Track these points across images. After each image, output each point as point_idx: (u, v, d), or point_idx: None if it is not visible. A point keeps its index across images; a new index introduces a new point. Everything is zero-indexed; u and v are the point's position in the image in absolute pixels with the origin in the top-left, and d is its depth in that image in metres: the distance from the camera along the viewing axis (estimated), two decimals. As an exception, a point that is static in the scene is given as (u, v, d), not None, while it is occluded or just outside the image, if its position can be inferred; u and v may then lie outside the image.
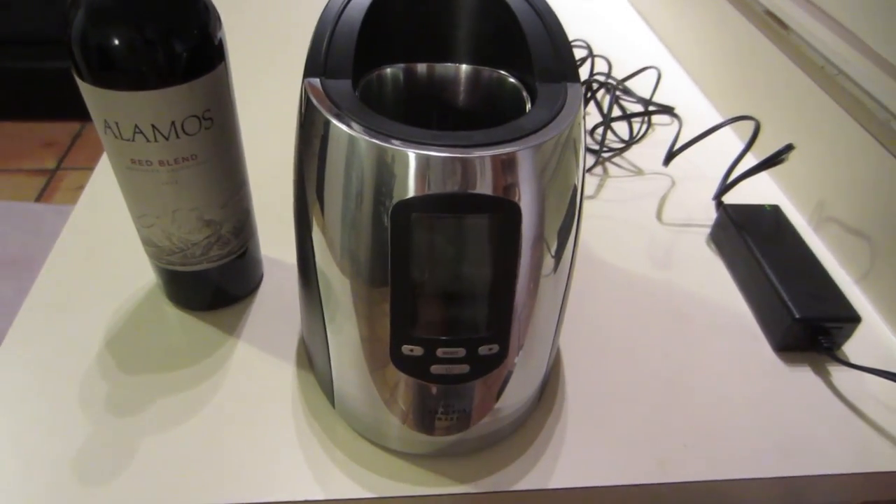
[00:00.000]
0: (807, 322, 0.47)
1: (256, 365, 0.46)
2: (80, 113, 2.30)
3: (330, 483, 0.39)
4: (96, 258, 0.53)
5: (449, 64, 0.42)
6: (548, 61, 0.37)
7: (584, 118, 0.36)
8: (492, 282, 0.34)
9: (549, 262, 0.35)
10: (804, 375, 0.48)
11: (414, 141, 0.31)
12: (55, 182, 2.07)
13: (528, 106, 0.38)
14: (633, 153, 0.69)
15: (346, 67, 0.35)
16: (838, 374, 0.48)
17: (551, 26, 0.38)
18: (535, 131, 0.32)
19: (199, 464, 0.39)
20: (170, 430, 0.41)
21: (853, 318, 0.48)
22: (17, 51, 2.17)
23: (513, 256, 0.33)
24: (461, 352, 0.35)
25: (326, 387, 0.43)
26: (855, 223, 0.56)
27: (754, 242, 0.53)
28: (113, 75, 0.36)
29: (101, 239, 0.55)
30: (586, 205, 0.62)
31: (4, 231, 1.89)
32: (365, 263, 0.34)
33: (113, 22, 0.35)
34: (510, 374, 0.38)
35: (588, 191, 0.63)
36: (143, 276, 0.51)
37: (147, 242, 0.45)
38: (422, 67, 0.42)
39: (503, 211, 0.32)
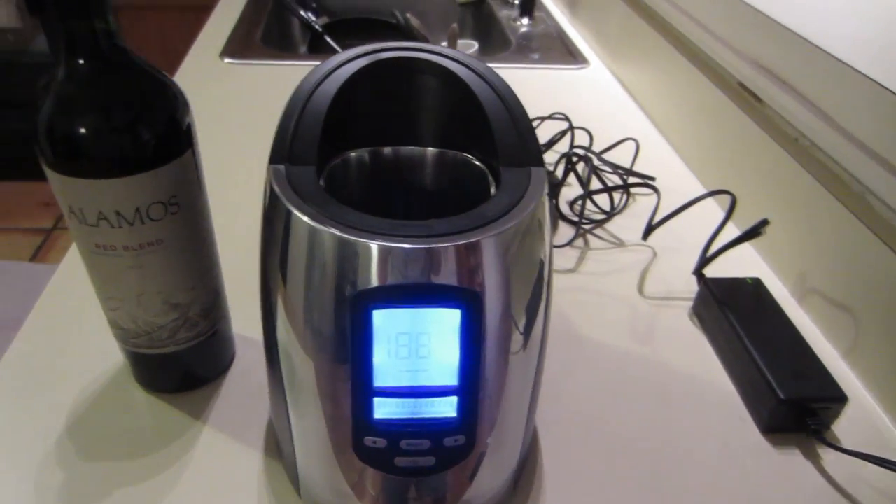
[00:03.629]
0: (792, 403, 0.46)
1: (223, 450, 0.44)
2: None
3: (292, 583, 0.37)
4: (66, 335, 0.52)
5: (415, 147, 0.42)
6: (512, 146, 0.37)
7: (547, 200, 0.36)
8: (457, 371, 0.33)
9: (516, 346, 0.34)
10: (793, 459, 0.46)
11: (374, 232, 0.30)
12: (51, 241, 2.08)
13: (493, 189, 0.38)
14: (614, 224, 0.68)
15: (311, 154, 0.35)
16: (828, 457, 0.46)
17: (514, 110, 0.38)
18: (497, 218, 0.32)
19: (156, 562, 0.38)
20: (127, 525, 0.39)
21: (840, 398, 0.46)
22: (13, 113, 2.21)
23: (476, 344, 0.32)
24: (426, 443, 0.34)
25: (292, 474, 0.41)
26: (837, 295, 0.55)
27: (736, 318, 0.53)
28: (77, 163, 0.36)
29: (73, 316, 0.54)
30: (566, 278, 0.61)
31: (-3, 294, 1.88)
32: (326, 351, 0.33)
33: (77, 111, 0.35)
34: (480, 463, 0.37)
35: (568, 264, 0.63)
36: (113, 355, 0.50)
37: (113, 325, 0.44)
38: (388, 151, 0.42)
39: (466, 300, 0.31)
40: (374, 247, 0.30)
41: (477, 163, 0.40)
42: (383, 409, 0.34)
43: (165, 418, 0.46)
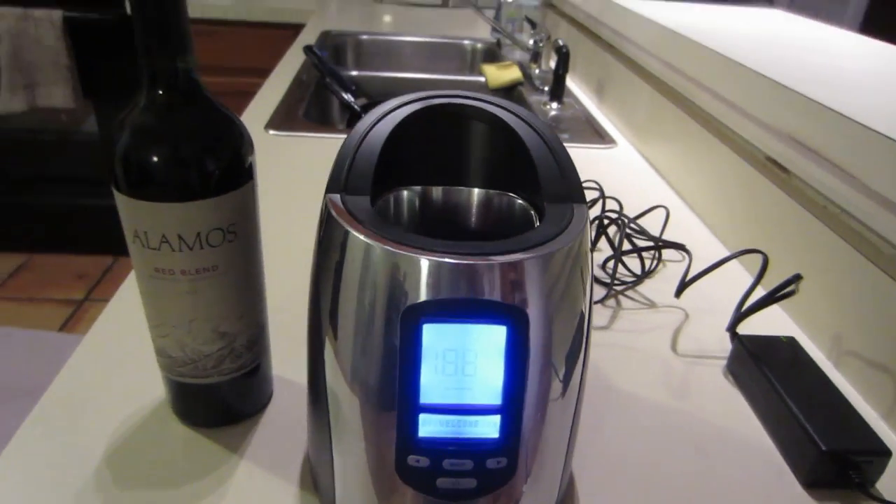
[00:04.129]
0: (835, 455, 0.45)
1: (258, 485, 0.44)
2: (113, 248, 2.40)
3: None
4: (106, 376, 0.53)
5: (461, 188, 0.44)
6: (555, 184, 0.39)
7: (590, 239, 0.38)
8: (501, 390, 0.34)
9: (559, 370, 0.35)
10: (836, 514, 0.45)
11: (426, 248, 0.32)
12: (81, 313, 2.12)
13: (537, 224, 0.39)
14: (645, 287, 0.69)
15: (366, 186, 0.37)
16: (872, 513, 0.45)
17: (557, 152, 0.40)
18: (543, 243, 0.34)
19: (189, 587, 0.37)
20: (162, 550, 0.39)
21: (884, 452, 0.46)
22: (58, 188, 2.31)
23: (521, 363, 0.33)
24: (468, 464, 0.34)
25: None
26: (875, 356, 0.55)
27: (773, 374, 0.53)
28: (147, 187, 0.38)
29: (113, 359, 0.55)
30: (600, 335, 0.62)
31: (24, 360, 1.91)
32: (375, 369, 0.34)
33: (152, 139, 0.38)
34: (520, 490, 0.36)
35: (601, 321, 0.63)
36: (152, 392, 0.51)
37: (160, 353, 0.45)
38: (436, 190, 0.44)
39: (511, 318, 0.33)
40: (426, 262, 0.32)
41: (521, 202, 0.42)
42: (428, 426, 0.34)
43: (202, 451, 0.46)
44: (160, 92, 0.38)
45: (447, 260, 0.32)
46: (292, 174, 0.91)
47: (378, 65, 1.75)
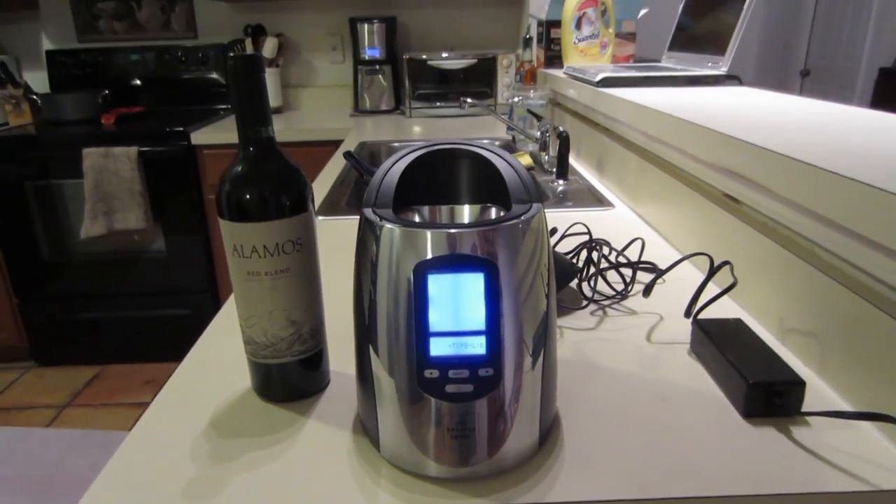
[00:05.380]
0: (759, 385, 0.59)
1: (323, 434, 0.59)
2: (178, 355, 2.61)
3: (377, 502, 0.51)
4: (203, 396, 0.70)
5: (455, 205, 0.62)
6: (518, 193, 0.56)
7: (546, 224, 0.54)
8: (484, 319, 0.50)
9: (525, 304, 0.51)
10: (767, 432, 0.58)
11: (430, 226, 0.49)
12: (150, 412, 2.29)
13: (508, 217, 0.57)
14: (627, 302, 0.84)
15: (389, 202, 0.55)
16: (799, 431, 0.58)
17: (520, 173, 0.58)
18: (508, 220, 0.51)
19: (280, 493, 0.52)
20: (259, 469, 0.55)
21: (798, 382, 0.59)
22: (130, 302, 2.56)
23: (496, 300, 0.49)
24: (466, 373, 0.50)
25: (374, 439, 0.56)
26: (806, 328, 0.69)
27: (720, 342, 0.66)
28: (242, 213, 0.57)
29: (197, 403, 0.72)
30: (587, 334, 0.76)
31: (99, 457, 2.08)
32: (399, 309, 0.51)
33: (246, 181, 0.57)
34: (507, 400, 0.51)
35: (589, 325, 0.78)
36: (239, 383, 0.68)
37: (248, 342, 0.62)
38: (438, 208, 0.62)
39: (486, 267, 0.49)
40: (429, 233, 0.49)
41: (496, 208, 0.60)
42: (437, 348, 0.50)
43: (279, 415, 0.62)
44: (251, 149, 0.58)
45: (444, 231, 0.49)
46: (337, 247, 1.10)
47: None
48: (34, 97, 2.61)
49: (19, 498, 1.93)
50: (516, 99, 1.80)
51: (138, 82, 2.83)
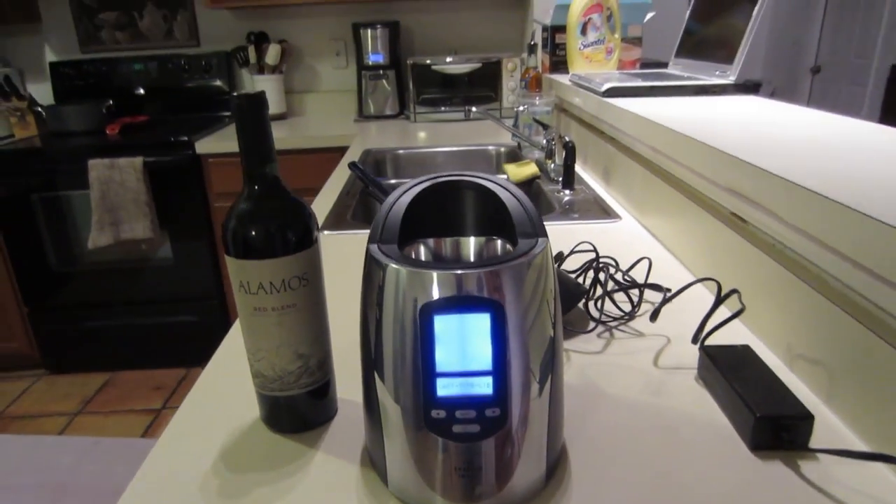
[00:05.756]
0: (767, 419, 0.59)
1: (331, 465, 0.60)
2: (186, 361, 2.63)
3: (383, 537, 0.51)
4: (211, 427, 0.70)
5: (460, 237, 0.62)
6: (524, 226, 0.56)
7: (552, 258, 0.54)
8: (491, 359, 0.50)
9: (532, 344, 0.51)
10: (775, 466, 0.58)
11: (436, 268, 0.49)
12: (160, 420, 2.31)
13: (514, 252, 0.57)
14: (634, 323, 0.84)
15: (394, 237, 0.55)
16: (806, 466, 0.58)
17: (526, 205, 0.58)
18: (513, 259, 0.51)
19: (286, 525, 0.53)
20: (265, 506, 0.55)
21: (806, 416, 0.59)
22: (138, 310, 2.57)
23: (502, 340, 0.49)
24: (472, 413, 0.50)
25: (381, 472, 0.56)
26: (815, 356, 0.68)
27: (727, 371, 0.66)
28: (248, 250, 0.57)
29: (208, 421, 0.72)
30: (594, 357, 0.76)
31: (111, 464, 2.09)
32: (406, 350, 0.51)
33: (251, 218, 0.57)
34: (513, 439, 0.51)
35: (595, 348, 0.78)
36: (247, 414, 0.68)
37: (256, 375, 0.62)
38: (444, 240, 0.62)
39: (492, 307, 0.49)
40: (435, 275, 0.49)
41: (501, 241, 0.60)
42: (443, 388, 0.50)
43: (288, 446, 0.63)
44: (256, 187, 0.58)
45: (450, 272, 0.49)
46: (343, 262, 1.10)
47: (414, 173, 1.99)
48: (39, 109, 2.63)
49: (31, 507, 1.94)
50: (521, 108, 1.79)
51: (142, 91, 2.84)
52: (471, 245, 0.62)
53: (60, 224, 2.42)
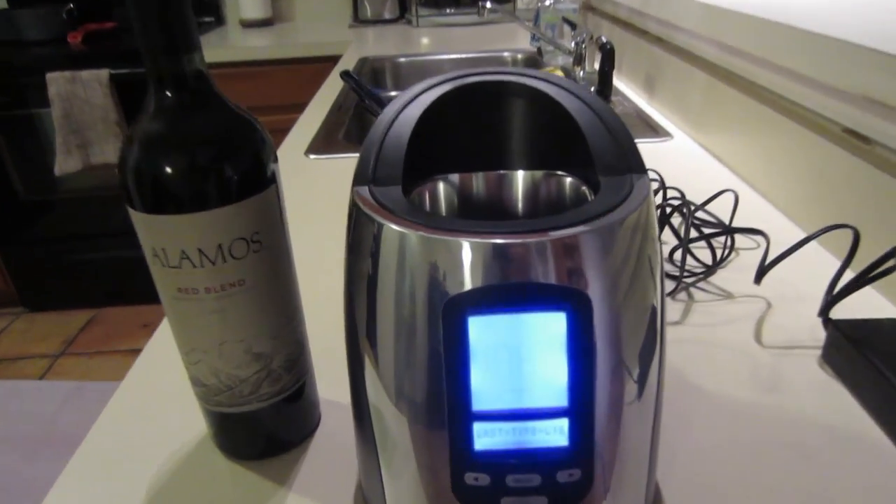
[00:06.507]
0: (969, 447, 0.38)
1: (308, 518, 0.40)
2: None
3: None
4: (147, 415, 0.50)
5: (504, 171, 0.40)
6: (609, 155, 0.34)
7: (654, 209, 0.33)
8: (566, 389, 0.29)
9: (631, 361, 0.30)
10: (980, 518, 0.38)
11: (467, 231, 0.28)
12: (145, 363, 2.15)
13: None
14: (718, 278, 0.63)
15: (396, 175, 0.33)
16: None
17: (609, 121, 0.36)
18: (601, 214, 0.29)
19: None
20: None
21: None
22: (120, 242, 2.36)
23: (587, 356, 0.28)
24: (536, 479, 0.29)
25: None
26: None
27: (880, 359, 0.46)
28: (160, 199, 0.35)
29: (155, 395, 0.52)
30: (673, 330, 0.56)
31: (94, 412, 1.94)
32: (420, 379, 0.30)
33: (161, 146, 0.35)
34: (598, 510, 0.31)
35: (673, 316, 0.58)
36: (196, 426, 0.48)
37: (195, 382, 0.42)
38: (476, 177, 0.40)
39: (570, 302, 0.28)
40: (468, 245, 0.27)
41: (572, 180, 0.38)
42: (485, 437, 0.29)
43: (249, 486, 0.43)
44: (168, 94, 0.35)
45: (491, 241, 0.27)
46: (335, 195, 0.88)
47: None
48: (-9, 14, 2.33)
49: (12, 457, 1.80)
50: (548, 2, 1.52)
51: (110, -6, 2.53)
52: (518, 185, 0.40)
53: (24, 147, 2.17)
